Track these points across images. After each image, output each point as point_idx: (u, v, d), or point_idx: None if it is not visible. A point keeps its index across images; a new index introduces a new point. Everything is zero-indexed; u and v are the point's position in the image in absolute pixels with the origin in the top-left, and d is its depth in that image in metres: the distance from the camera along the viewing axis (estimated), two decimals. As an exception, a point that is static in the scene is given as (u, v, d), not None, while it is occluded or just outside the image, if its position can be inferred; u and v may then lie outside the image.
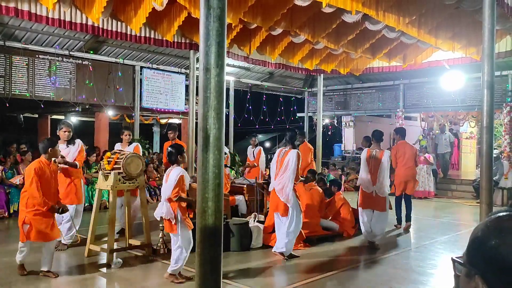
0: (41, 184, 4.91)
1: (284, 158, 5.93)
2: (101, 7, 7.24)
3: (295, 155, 5.85)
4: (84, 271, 5.48)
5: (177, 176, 4.84)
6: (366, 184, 6.74)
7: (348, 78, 15.44)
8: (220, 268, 3.34)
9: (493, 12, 5.81)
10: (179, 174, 4.86)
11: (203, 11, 3.29)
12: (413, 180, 8.19)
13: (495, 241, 0.83)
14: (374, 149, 6.84)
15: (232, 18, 7.48)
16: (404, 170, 8.08)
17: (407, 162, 8.06)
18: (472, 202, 11.66)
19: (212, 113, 3.29)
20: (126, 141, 7.50)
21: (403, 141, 8.34)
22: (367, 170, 6.74)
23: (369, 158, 6.75)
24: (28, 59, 9.75)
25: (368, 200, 6.75)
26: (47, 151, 5.09)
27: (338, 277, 5.38)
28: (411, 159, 8.08)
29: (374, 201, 6.70)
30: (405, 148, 8.20)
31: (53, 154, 5.19)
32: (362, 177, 6.81)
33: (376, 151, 6.78)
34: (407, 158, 8.07)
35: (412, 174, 8.15)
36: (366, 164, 6.76)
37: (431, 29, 8.72)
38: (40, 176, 4.92)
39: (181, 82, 12.68)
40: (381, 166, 6.64)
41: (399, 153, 8.13)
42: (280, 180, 5.89)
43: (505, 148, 12.09)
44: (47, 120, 14.14)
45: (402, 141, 8.31)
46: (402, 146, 8.23)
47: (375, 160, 6.69)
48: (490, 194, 5.88)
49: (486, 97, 5.84)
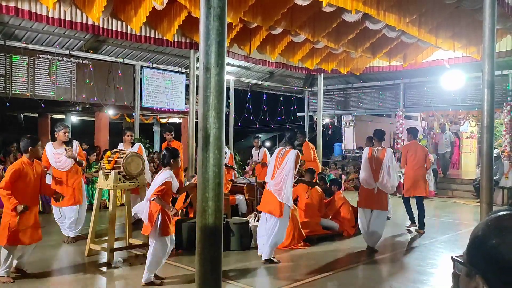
0: (19, 184, 4.78)
1: (283, 158, 5.90)
2: (102, 6, 7.24)
3: (295, 155, 5.84)
4: (85, 270, 5.48)
5: (164, 180, 4.76)
6: (368, 180, 6.70)
7: (349, 78, 15.43)
8: (220, 267, 3.34)
9: (494, 12, 5.81)
10: (166, 178, 4.78)
11: (204, 10, 3.29)
12: (423, 180, 8.09)
13: (495, 241, 0.83)
14: (376, 147, 6.83)
15: (232, 17, 7.48)
16: (414, 171, 8.02)
17: (418, 162, 8.02)
18: (473, 202, 11.66)
19: (212, 112, 3.29)
20: (129, 142, 7.52)
21: (414, 141, 8.32)
22: (368, 168, 6.71)
23: (371, 156, 6.75)
24: (29, 59, 9.74)
25: (368, 198, 6.69)
26: (27, 150, 4.94)
27: (338, 276, 5.38)
28: (421, 159, 8.03)
29: (374, 198, 6.63)
30: (417, 148, 8.16)
31: (34, 154, 5.01)
32: (362, 175, 6.78)
33: (378, 149, 6.77)
34: (418, 158, 8.01)
35: (422, 174, 8.08)
36: (368, 162, 6.73)
37: (432, 29, 8.72)
38: (19, 177, 4.79)
39: (181, 81, 12.68)
40: (384, 163, 6.61)
41: (410, 152, 8.08)
42: (277, 180, 5.85)
43: (505, 148, 12.08)
44: (47, 119, 14.14)
45: (413, 141, 8.29)
46: (414, 146, 8.19)
47: (377, 159, 6.68)
48: (490, 194, 5.88)
49: (486, 97, 5.84)
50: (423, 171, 8.16)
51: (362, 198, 6.79)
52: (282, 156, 5.94)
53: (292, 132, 6.22)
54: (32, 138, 5.08)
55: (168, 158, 4.97)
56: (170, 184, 4.83)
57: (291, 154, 5.85)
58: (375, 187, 6.62)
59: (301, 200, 7.28)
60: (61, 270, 5.49)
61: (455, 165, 17.35)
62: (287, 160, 5.82)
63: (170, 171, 4.92)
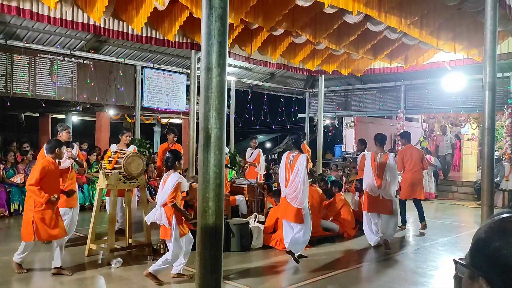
0: (47, 181, 5.02)
1: (294, 164, 5.88)
2: (103, 6, 7.24)
3: (305, 160, 5.84)
4: (84, 270, 5.47)
5: (175, 183, 4.85)
6: (372, 188, 6.74)
7: (349, 79, 15.43)
8: (221, 268, 3.33)
9: (495, 14, 5.80)
10: (177, 180, 4.88)
11: (205, 11, 3.29)
12: (421, 184, 8.14)
13: (499, 243, 0.82)
14: (378, 152, 6.82)
15: (233, 18, 7.48)
16: (412, 174, 8.04)
17: (415, 165, 8.04)
18: (473, 204, 11.64)
19: (214, 113, 3.28)
20: (125, 142, 7.41)
21: (409, 145, 8.34)
22: (372, 174, 6.73)
23: (374, 162, 6.75)
24: (30, 58, 9.75)
25: (374, 204, 6.74)
26: (54, 151, 5.24)
27: (338, 278, 5.37)
28: (418, 162, 8.06)
29: (381, 204, 6.67)
30: (412, 152, 8.18)
31: (58, 155, 5.33)
32: (368, 181, 6.80)
33: (380, 154, 6.77)
34: (414, 161, 8.03)
35: (419, 178, 8.12)
36: (371, 168, 6.75)
37: (433, 30, 8.71)
38: (47, 173, 5.03)
39: (182, 82, 12.68)
40: (387, 168, 6.63)
41: (406, 157, 8.10)
42: (292, 187, 5.85)
43: (506, 150, 12.07)
44: (48, 119, 14.15)
45: (408, 145, 8.31)
46: (409, 150, 8.21)
47: (380, 164, 6.68)
48: (491, 196, 5.87)
49: (487, 99, 5.82)
50: (420, 175, 8.21)
51: (368, 203, 6.81)
52: (292, 163, 5.91)
53: (297, 136, 6.19)
54: (58, 141, 5.53)
55: (172, 160, 5.06)
56: (181, 185, 4.93)
57: (301, 159, 5.84)
58: (379, 194, 6.64)
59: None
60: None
61: (456, 167, 17.34)
62: (298, 165, 5.81)
63: (178, 174, 5.02)
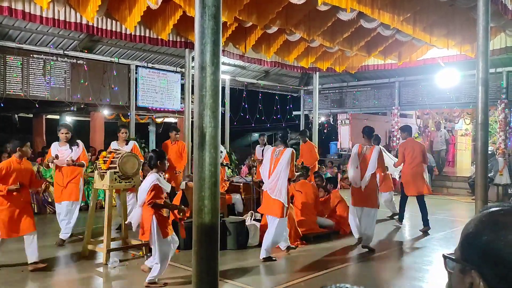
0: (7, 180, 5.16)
1: (279, 157, 5.89)
2: (96, 6, 7.21)
3: (290, 153, 5.84)
4: (81, 270, 5.47)
5: (150, 184, 4.76)
6: (355, 179, 6.67)
7: (344, 76, 15.46)
8: (217, 266, 3.34)
9: (488, 9, 5.84)
10: (153, 182, 4.77)
11: (198, 10, 3.29)
12: (422, 178, 8.00)
13: (491, 235, 0.83)
14: (365, 145, 6.80)
15: (227, 16, 7.47)
16: (412, 168, 7.96)
17: (416, 159, 7.96)
18: (467, 199, 11.72)
19: (208, 111, 3.29)
20: (123, 139, 7.54)
21: (410, 138, 8.32)
22: (355, 165, 6.67)
23: (360, 153, 6.71)
24: (23, 59, 9.68)
25: (358, 196, 6.65)
26: (16, 150, 5.35)
27: (334, 274, 5.40)
28: (419, 155, 7.98)
29: (364, 196, 6.59)
30: (414, 145, 8.13)
31: (23, 153, 5.39)
32: (350, 173, 6.74)
33: (366, 147, 6.73)
34: (415, 154, 7.96)
35: (420, 171, 8.00)
36: (356, 159, 6.67)
37: (426, 27, 8.75)
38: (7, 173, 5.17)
39: (177, 81, 12.65)
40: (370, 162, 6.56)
41: (407, 150, 8.03)
42: (274, 179, 5.85)
43: (500, 145, 12.15)
44: (42, 120, 14.07)
45: (409, 138, 8.29)
46: (411, 143, 8.16)
47: (364, 156, 6.64)
48: (485, 191, 5.91)
49: (480, 94, 5.87)
50: (421, 168, 8.06)
51: (353, 196, 6.77)
52: (277, 156, 5.92)
53: (284, 131, 6.24)
54: (20, 139, 5.56)
55: (154, 160, 4.98)
56: (158, 187, 4.80)
57: (286, 153, 5.85)
58: (360, 185, 6.58)
59: (297, 199, 7.28)
60: (57, 270, 5.46)
61: (450, 162, 17.43)
62: (283, 159, 5.83)
63: (156, 174, 4.90)
